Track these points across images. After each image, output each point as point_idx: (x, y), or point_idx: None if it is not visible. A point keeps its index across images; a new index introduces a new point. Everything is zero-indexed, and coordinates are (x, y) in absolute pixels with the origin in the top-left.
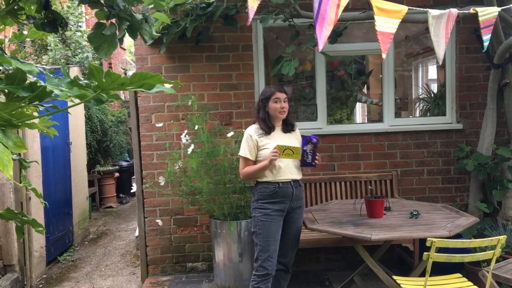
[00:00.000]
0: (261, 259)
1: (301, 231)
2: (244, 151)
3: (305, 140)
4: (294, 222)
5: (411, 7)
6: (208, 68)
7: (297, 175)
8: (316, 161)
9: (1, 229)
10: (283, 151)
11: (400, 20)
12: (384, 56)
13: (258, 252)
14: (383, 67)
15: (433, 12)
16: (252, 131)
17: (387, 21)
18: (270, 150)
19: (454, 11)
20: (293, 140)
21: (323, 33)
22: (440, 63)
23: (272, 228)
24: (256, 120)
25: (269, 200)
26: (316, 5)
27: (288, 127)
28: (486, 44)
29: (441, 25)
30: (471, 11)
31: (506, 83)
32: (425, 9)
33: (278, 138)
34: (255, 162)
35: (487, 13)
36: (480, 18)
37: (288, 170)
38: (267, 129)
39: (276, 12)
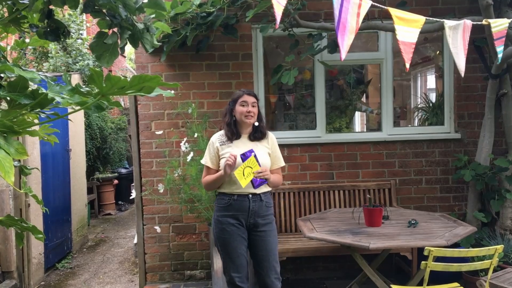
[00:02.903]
0: (227, 275)
1: (298, 241)
2: (205, 158)
3: (243, 158)
4: (263, 241)
5: (427, 17)
6: (208, 76)
7: (257, 189)
8: (262, 181)
9: (0, 236)
10: (242, 171)
11: (419, 30)
12: (407, 65)
13: (224, 267)
14: (382, 76)
15: (449, 22)
16: (215, 138)
17: (407, 31)
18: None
19: (469, 22)
20: (260, 149)
21: (345, 42)
22: (462, 75)
23: (232, 244)
24: (222, 125)
25: (224, 212)
26: (336, 13)
27: (257, 135)
28: (500, 56)
29: (458, 36)
30: (484, 22)
31: (504, 93)
32: (441, 20)
33: (242, 146)
34: (218, 171)
35: (499, 25)
36: (492, 30)
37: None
38: (231, 135)
39: None
